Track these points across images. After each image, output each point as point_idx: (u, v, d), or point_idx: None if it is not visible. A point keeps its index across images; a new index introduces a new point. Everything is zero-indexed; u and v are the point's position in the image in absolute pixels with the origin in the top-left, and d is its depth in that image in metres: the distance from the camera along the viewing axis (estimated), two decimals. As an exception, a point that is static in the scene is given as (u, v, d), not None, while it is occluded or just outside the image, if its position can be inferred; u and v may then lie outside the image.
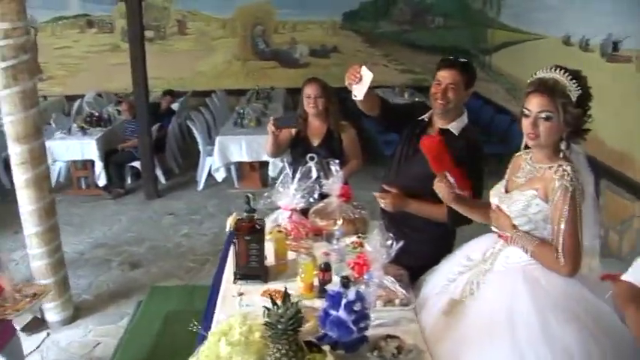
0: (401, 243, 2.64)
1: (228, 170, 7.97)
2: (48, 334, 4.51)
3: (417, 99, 8.67)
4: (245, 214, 2.96)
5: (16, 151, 4.20)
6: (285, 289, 2.08)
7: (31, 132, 4.20)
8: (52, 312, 4.57)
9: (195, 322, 2.37)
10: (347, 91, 3.06)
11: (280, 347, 1.98)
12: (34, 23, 10.41)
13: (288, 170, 3.53)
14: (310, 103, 4.12)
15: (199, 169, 8.17)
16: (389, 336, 2.33)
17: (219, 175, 7.87)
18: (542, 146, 2.33)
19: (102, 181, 7.80)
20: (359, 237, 3.31)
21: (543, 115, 2.25)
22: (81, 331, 4.58)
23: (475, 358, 2.20)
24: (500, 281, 2.39)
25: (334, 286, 2.46)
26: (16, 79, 4.08)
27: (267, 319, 1.98)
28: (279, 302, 2.01)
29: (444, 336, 2.37)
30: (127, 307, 4.92)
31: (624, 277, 2.23)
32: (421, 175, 2.77)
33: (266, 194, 3.47)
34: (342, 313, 2.17)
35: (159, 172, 8.19)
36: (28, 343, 4.36)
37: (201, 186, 8.09)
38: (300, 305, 2.55)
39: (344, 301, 2.17)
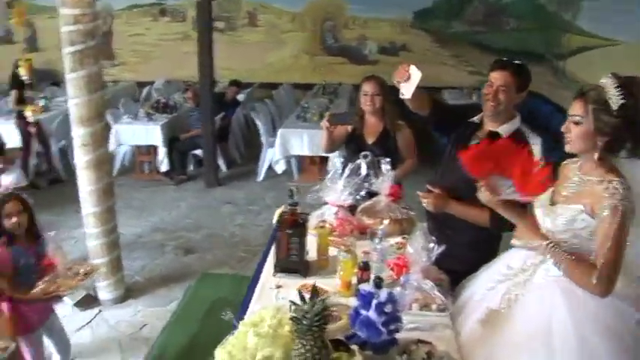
0: (442, 247, 2.58)
1: (288, 163, 8.01)
2: (99, 311, 4.65)
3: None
4: (288, 207, 2.96)
5: (78, 133, 4.33)
6: (314, 285, 2.05)
7: (94, 115, 4.32)
8: (104, 290, 4.71)
9: (235, 311, 2.38)
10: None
11: (305, 343, 1.96)
12: (110, 11, 10.76)
13: (339, 166, 3.50)
14: (367, 100, 4.09)
15: (260, 160, 8.25)
16: (420, 341, 2.27)
17: (279, 168, 7.92)
18: (573, 149, 2.27)
19: (164, 166, 7.97)
20: (404, 238, 3.26)
21: (574, 119, 2.20)
22: (130, 310, 4.69)
23: None
24: (539, 294, 2.31)
25: (368, 285, 2.42)
26: (82, 63, 4.19)
27: (292, 314, 1.96)
28: (307, 297, 1.99)
29: (479, 345, 2.31)
30: (177, 292, 5.00)
31: None
32: (466, 177, 2.69)
33: (314, 188, 3.46)
34: (372, 314, 2.13)
35: (221, 161, 8.31)
36: (80, 318, 4.52)
37: (261, 177, 8.16)
38: (334, 302, 2.54)
39: (375, 301, 2.13)
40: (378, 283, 2.23)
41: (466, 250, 2.91)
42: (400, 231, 3.36)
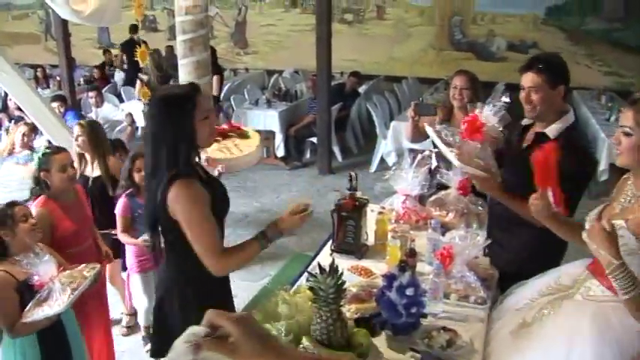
0: (488, 241, 2.61)
1: (400, 155, 8.05)
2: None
3: (613, 104, 7.99)
4: (348, 192, 3.10)
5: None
6: (333, 260, 2.16)
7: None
8: (203, 261, 5.07)
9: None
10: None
11: (322, 314, 2.09)
12: (244, 2, 11.34)
13: (408, 156, 3.56)
14: (455, 94, 4.10)
15: (375, 152, 8.36)
16: (445, 328, 2.32)
17: (391, 160, 7.99)
18: (623, 163, 2.11)
19: (280, 151, 8.33)
20: (467, 232, 3.26)
21: (624, 129, 2.04)
22: (224, 282, 5.02)
23: None
24: (568, 314, 2.16)
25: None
26: (193, 50, 4.55)
27: (309, 284, 2.10)
28: (326, 270, 2.11)
29: (504, 355, 2.26)
30: (270, 269, 5.30)
31: None
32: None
33: (385, 177, 3.55)
34: (393, 295, 2.21)
35: (336, 150, 8.53)
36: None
37: (373, 168, 8.27)
38: (373, 284, 2.65)
39: (396, 283, 2.21)
40: (403, 267, 2.31)
41: (521, 253, 2.86)
42: (466, 225, 3.36)
